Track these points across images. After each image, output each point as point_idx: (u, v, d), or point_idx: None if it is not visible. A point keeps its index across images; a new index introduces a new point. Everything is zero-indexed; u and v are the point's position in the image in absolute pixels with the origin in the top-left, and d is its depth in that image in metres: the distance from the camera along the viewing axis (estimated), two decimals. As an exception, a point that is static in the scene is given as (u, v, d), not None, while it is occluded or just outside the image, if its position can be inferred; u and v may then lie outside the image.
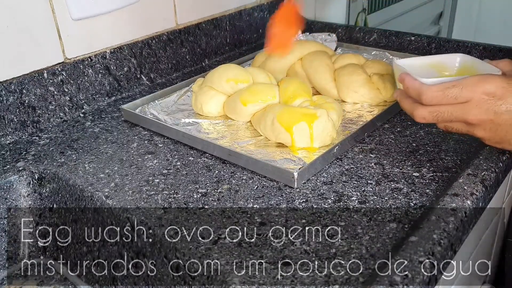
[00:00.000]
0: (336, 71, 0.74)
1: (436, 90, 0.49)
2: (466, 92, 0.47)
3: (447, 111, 0.49)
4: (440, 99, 0.49)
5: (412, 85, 0.51)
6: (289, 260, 0.43)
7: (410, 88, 0.51)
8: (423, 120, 0.51)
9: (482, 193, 0.50)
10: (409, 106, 0.53)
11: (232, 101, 0.68)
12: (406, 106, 0.53)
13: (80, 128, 0.71)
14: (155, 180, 0.56)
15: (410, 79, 0.51)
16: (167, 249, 0.47)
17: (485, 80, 0.47)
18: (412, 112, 0.52)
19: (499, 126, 0.47)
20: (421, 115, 0.51)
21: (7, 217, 0.60)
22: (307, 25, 1.11)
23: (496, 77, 0.47)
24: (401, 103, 0.54)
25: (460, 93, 0.47)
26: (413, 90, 0.51)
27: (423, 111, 0.51)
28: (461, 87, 0.47)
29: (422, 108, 0.51)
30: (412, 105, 0.52)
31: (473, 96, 0.47)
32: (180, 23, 0.89)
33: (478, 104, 0.47)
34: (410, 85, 0.51)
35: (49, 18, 0.69)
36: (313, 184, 0.54)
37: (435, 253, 0.42)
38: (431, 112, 0.50)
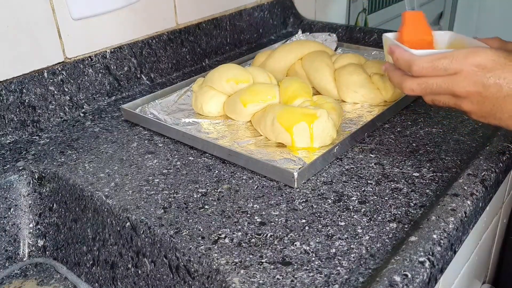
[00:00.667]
0: (336, 71, 0.74)
1: (426, 61, 0.48)
2: (456, 64, 0.47)
3: (436, 83, 0.49)
4: (430, 70, 0.48)
5: (402, 56, 0.51)
6: (289, 260, 0.43)
7: (400, 59, 0.51)
8: (412, 92, 0.51)
9: (482, 193, 0.50)
10: (398, 78, 0.52)
11: (232, 101, 0.68)
12: (395, 78, 0.53)
13: (80, 128, 0.71)
14: (155, 179, 0.56)
15: (400, 50, 0.51)
16: (167, 249, 0.47)
17: (475, 52, 0.47)
18: (401, 84, 0.52)
19: (486, 99, 0.47)
20: (410, 87, 0.50)
21: (7, 216, 0.60)
22: (307, 25, 1.11)
23: (486, 50, 0.47)
24: (389, 75, 0.54)
25: (450, 65, 0.47)
26: (403, 61, 0.50)
27: (412, 83, 0.50)
28: (451, 59, 0.47)
29: (411, 80, 0.50)
30: (401, 77, 0.52)
31: (463, 68, 0.47)
32: (181, 23, 0.89)
33: (467, 76, 0.47)
34: (400, 56, 0.51)
35: (50, 18, 0.69)
36: (313, 184, 0.54)
37: (435, 253, 0.42)
38: (420, 83, 0.50)
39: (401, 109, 0.71)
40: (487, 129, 0.64)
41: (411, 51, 0.50)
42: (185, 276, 0.46)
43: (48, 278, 0.58)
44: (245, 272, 0.42)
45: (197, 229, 0.48)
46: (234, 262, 0.43)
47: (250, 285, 0.40)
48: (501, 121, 0.47)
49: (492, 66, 0.46)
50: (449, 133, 0.63)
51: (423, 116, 0.68)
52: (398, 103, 0.70)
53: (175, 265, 0.47)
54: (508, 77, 0.45)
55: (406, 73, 0.51)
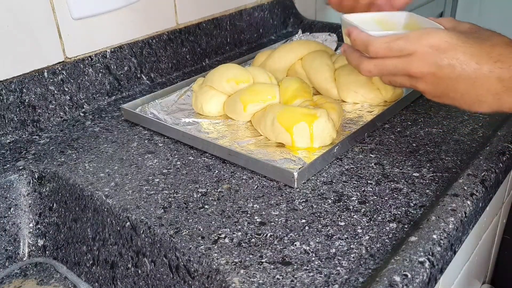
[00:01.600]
0: (336, 71, 0.74)
1: (382, 42, 0.49)
2: (411, 45, 0.48)
3: (392, 64, 0.49)
4: (386, 51, 0.49)
5: (360, 37, 0.51)
6: (289, 260, 0.43)
7: (357, 40, 0.51)
8: (369, 74, 0.52)
9: (482, 193, 0.50)
10: (356, 60, 0.53)
11: (232, 101, 0.68)
12: (352, 59, 0.53)
13: (80, 128, 0.71)
14: (155, 179, 0.57)
15: (357, 31, 0.52)
16: (167, 249, 0.47)
17: (429, 33, 0.48)
18: (359, 65, 0.52)
19: (440, 79, 0.48)
20: (367, 68, 0.51)
21: (7, 216, 0.60)
22: (307, 25, 1.11)
23: (440, 31, 0.48)
24: (347, 57, 0.54)
25: (405, 46, 0.48)
26: (360, 42, 0.51)
27: (368, 64, 0.51)
28: (406, 40, 0.48)
29: (368, 61, 0.51)
30: (358, 59, 0.52)
31: (417, 48, 0.47)
32: (181, 23, 0.89)
33: (422, 57, 0.47)
34: (357, 37, 0.51)
35: (50, 18, 0.69)
36: (313, 184, 0.54)
37: (435, 253, 0.42)
38: (377, 65, 0.50)
39: (401, 109, 0.71)
40: (487, 129, 0.64)
41: (368, 32, 0.51)
42: (185, 276, 0.46)
43: (48, 277, 0.58)
44: (245, 272, 0.42)
45: (197, 229, 0.48)
46: (234, 262, 0.43)
47: (250, 285, 0.40)
48: (454, 100, 0.48)
49: (446, 47, 0.47)
50: (449, 133, 0.64)
51: (423, 116, 0.68)
52: (398, 103, 0.70)
53: (175, 265, 0.47)
54: (461, 58, 0.46)
55: (363, 54, 0.52)
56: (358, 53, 0.53)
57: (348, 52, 0.54)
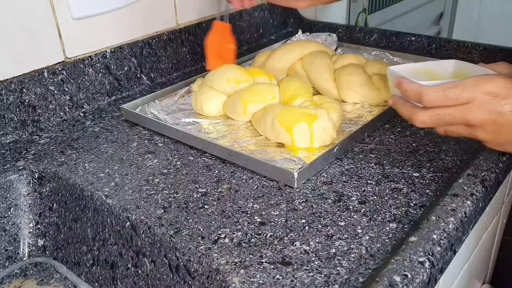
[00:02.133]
0: (336, 71, 0.74)
1: (437, 91, 0.47)
2: (467, 93, 0.46)
3: (448, 113, 0.47)
4: (441, 100, 0.47)
5: (411, 87, 0.49)
6: (289, 260, 0.43)
7: (409, 91, 0.49)
8: (423, 125, 0.49)
9: (482, 193, 0.50)
10: (407, 111, 0.51)
11: (232, 101, 0.68)
12: (404, 111, 0.51)
13: (80, 128, 0.71)
14: (155, 179, 0.57)
15: (408, 81, 0.50)
16: (167, 249, 0.47)
17: (487, 80, 0.46)
18: (411, 116, 0.50)
19: (502, 127, 0.46)
20: (421, 119, 0.49)
21: (7, 216, 0.60)
22: (307, 25, 1.11)
23: (498, 77, 0.46)
24: (398, 108, 0.52)
25: (461, 94, 0.46)
26: (412, 92, 0.49)
27: (423, 115, 0.49)
28: (463, 88, 0.46)
29: (422, 111, 0.49)
30: (411, 110, 0.50)
31: (475, 96, 0.46)
32: (181, 23, 0.89)
33: (481, 105, 0.46)
34: (409, 87, 0.49)
35: (50, 17, 0.69)
36: (313, 184, 0.54)
37: (435, 253, 0.42)
38: (431, 115, 0.48)
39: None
40: (487, 129, 0.64)
41: (419, 82, 0.49)
42: (185, 276, 0.46)
43: (48, 277, 0.58)
44: (245, 272, 0.42)
45: (197, 229, 0.48)
46: (234, 262, 0.43)
47: (250, 285, 0.40)
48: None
49: (506, 93, 0.45)
50: (449, 133, 0.63)
51: (423, 116, 0.68)
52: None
53: (175, 265, 0.47)
54: None
55: (415, 105, 0.50)
56: (410, 104, 0.50)
57: (398, 103, 0.52)
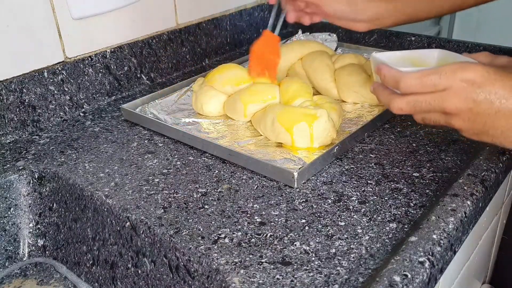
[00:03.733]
0: (336, 71, 0.74)
1: (414, 77, 0.46)
2: (445, 80, 0.45)
3: (425, 100, 0.47)
4: (418, 87, 0.47)
5: (389, 73, 0.49)
6: (289, 260, 0.43)
7: (387, 77, 0.49)
8: (400, 111, 0.49)
9: (482, 193, 0.50)
10: (385, 97, 0.51)
11: (232, 101, 0.68)
12: (383, 98, 0.51)
13: (80, 128, 0.71)
14: (155, 179, 0.56)
15: (387, 68, 0.49)
16: (166, 249, 0.47)
17: (464, 67, 0.45)
18: (389, 103, 0.50)
19: (477, 115, 0.45)
20: (398, 106, 0.49)
21: (7, 216, 0.60)
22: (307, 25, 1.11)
23: (476, 65, 0.45)
24: (378, 95, 0.52)
25: (439, 81, 0.45)
26: (390, 78, 0.49)
27: (400, 102, 0.48)
28: (440, 74, 0.46)
29: (399, 98, 0.48)
30: (389, 96, 0.50)
31: (452, 83, 0.45)
32: (181, 23, 0.89)
33: (457, 92, 0.45)
34: (387, 73, 0.49)
35: (50, 18, 0.69)
36: (313, 184, 0.54)
37: (435, 253, 0.42)
38: (409, 102, 0.48)
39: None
40: (487, 129, 0.64)
41: (398, 69, 0.49)
42: (185, 276, 0.46)
43: (48, 277, 0.58)
44: (245, 272, 0.42)
45: (197, 229, 0.48)
46: (234, 262, 0.43)
47: (250, 285, 0.40)
48: (494, 138, 0.46)
49: (482, 81, 0.44)
50: (449, 133, 0.63)
51: (423, 116, 0.68)
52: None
53: (175, 265, 0.47)
54: (499, 92, 0.44)
55: (394, 92, 0.50)
56: (388, 90, 0.50)
57: (378, 89, 0.52)
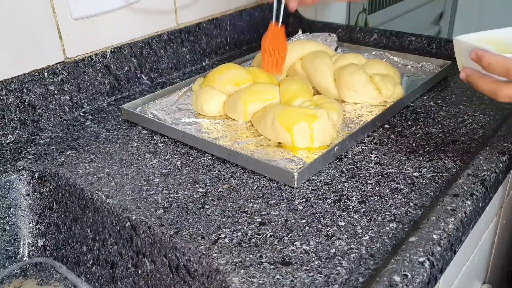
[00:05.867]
0: (336, 71, 0.74)
1: None
2: None
3: None
4: None
5: (497, 60, 0.46)
6: (289, 260, 0.43)
7: (494, 64, 0.46)
8: (509, 100, 0.47)
9: (482, 193, 0.50)
10: (490, 85, 0.48)
11: (233, 101, 0.68)
12: (485, 85, 0.48)
13: (80, 128, 0.71)
14: (155, 179, 0.56)
15: (491, 54, 0.47)
16: (166, 249, 0.47)
17: None
18: (495, 91, 0.47)
19: None
20: (507, 94, 0.46)
21: (7, 216, 0.60)
22: (307, 25, 1.11)
23: None
24: (476, 82, 0.50)
25: None
26: (498, 65, 0.46)
27: (509, 89, 0.46)
28: None
29: (508, 86, 0.46)
30: (493, 84, 0.47)
31: None
32: (181, 23, 0.89)
33: None
34: (493, 60, 0.46)
35: (50, 18, 0.69)
36: (313, 184, 0.54)
37: (434, 253, 0.42)
38: None
39: (401, 109, 0.71)
40: (487, 129, 0.64)
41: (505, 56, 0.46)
42: (185, 276, 0.46)
43: (48, 277, 0.58)
44: (245, 272, 0.42)
45: (197, 229, 0.48)
46: (234, 262, 0.43)
47: (250, 285, 0.40)
48: None
49: None
50: (449, 133, 0.63)
51: (423, 116, 0.68)
52: (398, 103, 0.70)
53: (175, 265, 0.47)
54: None
55: (497, 79, 0.47)
56: (490, 77, 0.48)
57: (476, 76, 0.49)
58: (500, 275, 0.92)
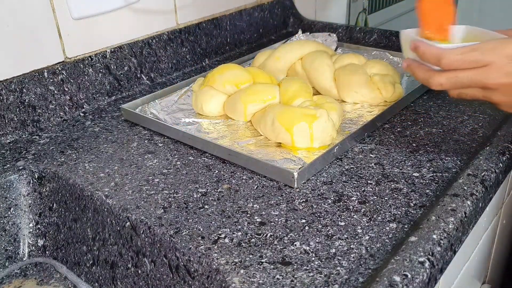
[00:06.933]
0: (336, 71, 0.74)
1: (456, 53, 0.47)
2: (487, 55, 0.46)
3: (466, 76, 0.48)
4: (460, 63, 0.47)
5: (430, 50, 0.49)
6: (289, 260, 0.43)
7: (427, 53, 0.49)
8: (440, 87, 0.50)
9: (482, 193, 0.50)
10: (424, 74, 0.51)
11: (232, 101, 0.68)
12: (420, 73, 0.51)
13: (80, 128, 0.71)
14: (155, 179, 0.57)
15: (426, 45, 0.50)
16: (166, 249, 0.47)
17: (506, 43, 0.46)
18: (428, 79, 0.50)
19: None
20: (438, 82, 0.49)
21: (7, 216, 0.60)
22: (307, 25, 1.11)
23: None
24: (414, 71, 0.52)
25: (481, 56, 0.46)
26: (431, 55, 0.49)
27: (440, 78, 0.49)
28: (482, 51, 0.46)
29: (439, 74, 0.49)
30: (427, 73, 0.50)
31: (495, 59, 0.46)
32: (181, 23, 0.89)
33: (499, 68, 0.46)
34: (427, 50, 0.49)
35: (50, 18, 0.69)
36: (313, 184, 0.54)
37: (434, 253, 0.42)
38: (449, 78, 0.48)
39: (401, 109, 0.71)
40: (487, 129, 0.64)
41: (437, 45, 0.49)
42: (185, 276, 0.46)
43: (48, 277, 0.58)
44: (245, 272, 0.42)
45: (197, 229, 0.48)
46: (234, 262, 0.43)
47: (250, 285, 0.40)
48: None
49: None
50: (449, 133, 0.64)
51: (423, 116, 0.68)
52: (398, 103, 0.70)
53: (175, 265, 0.47)
54: None
55: (431, 68, 0.50)
56: (425, 66, 0.51)
57: (413, 66, 0.52)
58: (500, 275, 0.92)
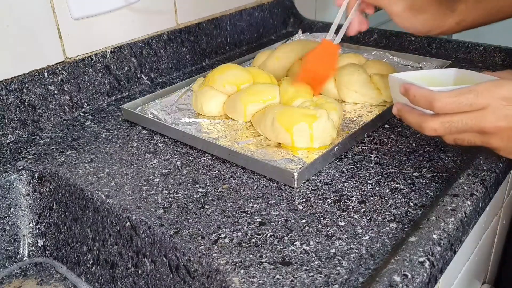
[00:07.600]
0: (336, 71, 0.74)
1: (449, 97, 0.44)
2: (482, 98, 0.44)
3: (461, 120, 0.45)
4: (454, 106, 0.44)
5: (421, 93, 0.46)
6: (289, 260, 0.43)
7: (418, 97, 0.47)
8: (434, 133, 0.47)
9: (482, 193, 0.50)
10: (416, 119, 0.48)
11: (232, 101, 0.68)
12: (412, 119, 0.49)
13: (80, 128, 0.71)
14: (155, 179, 0.57)
15: (416, 88, 0.47)
16: (166, 249, 0.47)
17: (500, 85, 0.44)
18: (421, 124, 0.48)
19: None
20: (432, 127, 0.47)
21: (7, 216, 0.60)
22: (307, 25, 1.11)
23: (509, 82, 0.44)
24: (405, 116, 0.50)
25: (475, 100, 0.44)
26: (422, 98, 0.46)
27: (434, 122, 0.46)
28: (477, 93, 0.44)
29: (433, 119, 0.46)
30: (419, 118, 0.48)
31: (490, 102, 0.44)
32: (181, 23, 0.89)
33: (496, 111, 0.44)
34: (418, 93, 0.47)
35: (50, 17, 0.69)
36: (313, 184, 0.54)
37: (434, 253, 0.42)
38: (443, 122, 0.46)
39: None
40: (487, 129, 0.64)
41: (429, 88, 0.47)
42: (185, 276, 0.46)
43: (48, 277, 0.58)
44: (245, 272, 0.42)
45: (197, 229, 0.48)
46: (234, 262, 0.43)
47: (250, 285, 0.40)
48: None
49: None
50: (449, 133, 0.63)
51: (423, 116, 0.68)
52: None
53: (175, 265, 0.47)
54: None
55: (423, 112, 0.48)
56: (417, 111, 0.48)
57: (404, 110, 0.50)
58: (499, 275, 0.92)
